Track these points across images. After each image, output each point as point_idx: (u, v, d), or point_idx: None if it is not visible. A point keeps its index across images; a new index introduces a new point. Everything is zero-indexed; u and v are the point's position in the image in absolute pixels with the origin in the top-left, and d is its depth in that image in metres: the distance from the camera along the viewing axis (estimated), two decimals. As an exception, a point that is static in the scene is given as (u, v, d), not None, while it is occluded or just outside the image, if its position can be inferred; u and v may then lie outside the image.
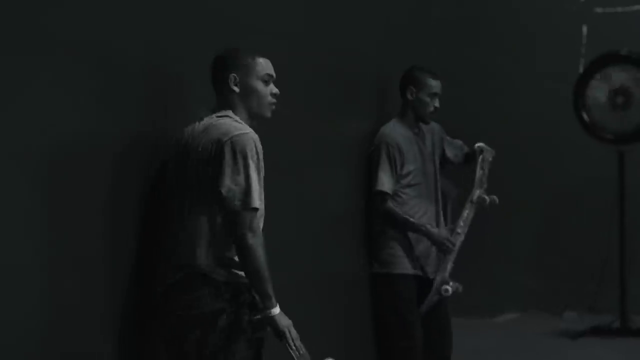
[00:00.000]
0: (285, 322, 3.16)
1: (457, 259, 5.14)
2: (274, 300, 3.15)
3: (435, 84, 5.18)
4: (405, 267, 5.04)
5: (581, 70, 6.54)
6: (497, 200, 5.31)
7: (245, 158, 3.12)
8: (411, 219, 5.02)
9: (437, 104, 5.17)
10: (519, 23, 6.97)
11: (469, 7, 6.97)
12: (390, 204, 5.02)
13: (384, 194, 4.99)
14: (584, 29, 6.70)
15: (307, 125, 4.47)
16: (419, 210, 5.13)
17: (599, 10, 6.73)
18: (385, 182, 4.99)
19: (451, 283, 5.07)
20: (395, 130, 5.10)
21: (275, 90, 3.31)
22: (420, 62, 5.33)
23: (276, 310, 3.15)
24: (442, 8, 6.72)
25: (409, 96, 5.17)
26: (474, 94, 6.89)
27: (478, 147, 5.40)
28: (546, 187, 6.93)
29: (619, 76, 6.43)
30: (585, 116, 6.43)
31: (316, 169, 4.57)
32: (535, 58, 6.91)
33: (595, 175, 6.70)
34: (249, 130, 3.17)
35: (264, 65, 3.29)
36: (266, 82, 3.29)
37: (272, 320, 3.14)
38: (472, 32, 6.96)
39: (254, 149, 3.15)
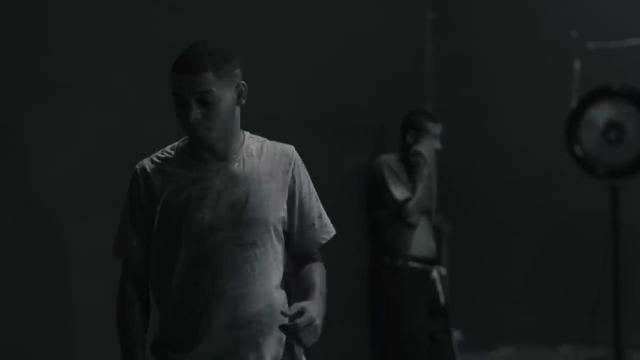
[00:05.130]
0: None
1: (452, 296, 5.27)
2: None
3: (434, 127, 5.31)
4: None
5: (574, 105, 6.57)
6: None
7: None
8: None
9: (438, 145, 5.30)
10: (511, 59, 7.00)
11: (461, 45, 7.01)
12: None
13: (405, 202, 5.15)
14: (577, 64, 6.73)
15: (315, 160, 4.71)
16: (412, 237, 5.25)
17: (591, 45, 6.77)
18: (399, 194, 5.16)
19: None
20: (392, 159, 5.28)
21: None
22: (415, 101, 5.45)
23: None
24: (434, 46, 6.78)
25: (409, 139, 5.29)
26: (467, 130, 6.93)
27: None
28: (540, 222, 6.94)
29: (611, 111, 6.45)
30: (578, 151, 6.45)
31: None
32: (527, 93, 6.94)
33: (589, 209, 6.71)
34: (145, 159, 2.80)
35: None
36: None
37: None
38: (464, 70, 7.00)
39: (130, 186, 2.78)
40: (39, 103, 3.49)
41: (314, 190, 2.87)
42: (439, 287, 5.33)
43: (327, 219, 2.89)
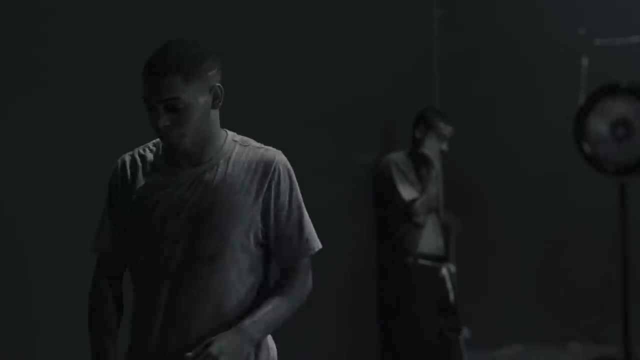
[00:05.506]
0: None
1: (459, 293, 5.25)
2: None
3: (444, 127, 5.32)
4: None
5: (581, 101, 6.56)
6: None
7: None
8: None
9: (444, 147, 5.30)
10: (519, 56, 7.00)
11: (468, 43, 7.01)
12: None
13: (412, 202, 5.17)
14: (584, 61, 6.72)
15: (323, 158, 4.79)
16: (421, 236, 5.26)
17: (598, 42, 6.76)
18: (407, 194, 5.17)
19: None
20: (400, 157, 5.29)
21: None
22: (423, 99, 5.45)
23: None
24: (442, 43, 6.78)
25: (417, 134, 5.31)
26: (475, 128, 6.93)
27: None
28: (548, 219, 6.94)
29: (619, 108, 6.43)
30: (586, 148, 6.44)
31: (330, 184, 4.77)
32: (535, 90, 6.94)
33: (597, 206, 6.71)
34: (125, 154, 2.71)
35: None
36: None
37: None
38: (472, 67, 7.00)
39: (110, 180, 2.69)
40: (31, 100, 3.48)
41: (298, 200, 2.62)
42: (449, 285, 5.33)
43: (309, 233, 2.63)
